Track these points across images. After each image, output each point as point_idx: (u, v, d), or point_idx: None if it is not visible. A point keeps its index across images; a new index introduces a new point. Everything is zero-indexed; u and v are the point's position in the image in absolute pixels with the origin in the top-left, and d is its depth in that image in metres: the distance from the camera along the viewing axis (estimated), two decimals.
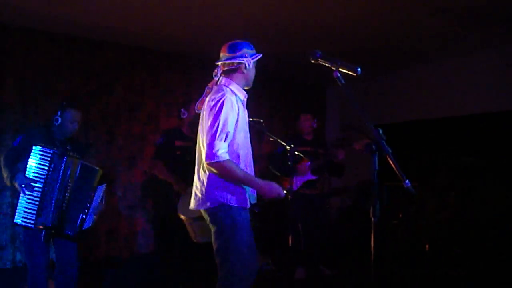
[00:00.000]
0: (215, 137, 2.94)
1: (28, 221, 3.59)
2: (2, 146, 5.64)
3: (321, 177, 5.63)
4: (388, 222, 6.43)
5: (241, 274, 3.03)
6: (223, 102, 2.99)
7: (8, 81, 5.86)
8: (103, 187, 4.04)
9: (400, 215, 6.32)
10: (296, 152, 4.82)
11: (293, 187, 5.46)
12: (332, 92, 9.52)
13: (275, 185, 3.12)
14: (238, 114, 3.09)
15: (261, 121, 4.60)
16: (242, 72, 3.22)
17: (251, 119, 4.54)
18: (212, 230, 3.14)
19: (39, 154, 3.62)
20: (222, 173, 3.01)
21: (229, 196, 3.08)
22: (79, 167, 3.77)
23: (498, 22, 5.54)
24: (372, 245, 2.29)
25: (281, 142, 4.53)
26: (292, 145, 4.67)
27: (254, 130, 4.79)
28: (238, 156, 3.14)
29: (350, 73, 2.48)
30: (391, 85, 8.26)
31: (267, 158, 6.06)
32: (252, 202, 3.27)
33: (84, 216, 3.85)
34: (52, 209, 3.64)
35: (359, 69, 2.43)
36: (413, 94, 7.83)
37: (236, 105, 3.08)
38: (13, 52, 5.93)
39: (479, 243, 5.66)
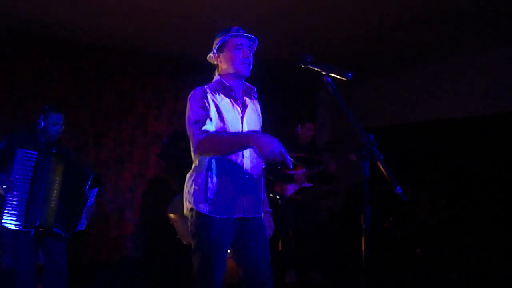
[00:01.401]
0: (192, 124, 2.73)
1: (16, 222, 3.56)
2: None
3: (315, 184, 5.62)
4: (379, 226, 6.41)
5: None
6: (189, 99, 2.83)
7: None
8: (96, 190, 4.05)
9: (391, 219, 6.30)
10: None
11: (287, 193, 5.45)
12: (322, 95, 9.45)
13: (274, 141, 2.53)
14: (208, 106, 2.77)
15: None
16: (218, 65, 3.03)
17: None
18: None
19: (23, 156, 3.60)
20: (210, 146, 2.67)
21: (199, 201, 2.79)
22: (66, 167, 3.76)
23: (488, 26, 5.56)
24: (363, 253, 2.24)
25: None
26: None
27: None
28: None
29: (341, 78, 2.45)
30: (385, 87, 8.24)
31: None
32: (237, 215, 2.82)
33: (78, 218, 3.86)
34: (40, 208, 3.61)
35: (350, 74, 2.39)
36: (406, 96, 7.81)
37: (207, 98, 2.80)
38: (2, 54, 5.92)
39: (471, 247, 5.65)
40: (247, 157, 2.92)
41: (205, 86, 2.89)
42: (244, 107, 3.01)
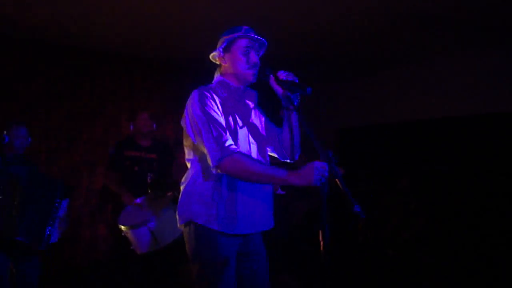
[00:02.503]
0: (210, 136, 2.38)
1: None
2: None
3: (288, 191, 5.60)
4: (352, 227, 6.42)
5: None
6: (196, 102, 2.45)
7: None
8: (66, 201, 3.97)
9: (361, 224, 6.29)
10: None
11: None
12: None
13: (316, 166, 2.23)
14: (221, 113, 2.50)
15: None
16: (221, 65, 2.69)
17: None
18: None
19: None
20: (237, 170, 2.34)
21: (203, 214, 2.45)
22: (30, 177, 3.67)
23: (460, 28, 5.60)
24: (322, 269, 2.22)
25: None
26: None
27: None
28: None
29: (301, 92, 2.42)
30: (360, 89, 8.24)
31: None
32: (247, 230, 2.54)
33: (50, 229, 3.76)
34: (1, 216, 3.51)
35: (309, 89, 2.35)
36: (380, 98, 7.83)
37: (216, 101, 2.50)
38: None
39: (444, 249, 5.68)
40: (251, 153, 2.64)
41: (208, 87, 2.58)
42: (248, 112, 2.74)
